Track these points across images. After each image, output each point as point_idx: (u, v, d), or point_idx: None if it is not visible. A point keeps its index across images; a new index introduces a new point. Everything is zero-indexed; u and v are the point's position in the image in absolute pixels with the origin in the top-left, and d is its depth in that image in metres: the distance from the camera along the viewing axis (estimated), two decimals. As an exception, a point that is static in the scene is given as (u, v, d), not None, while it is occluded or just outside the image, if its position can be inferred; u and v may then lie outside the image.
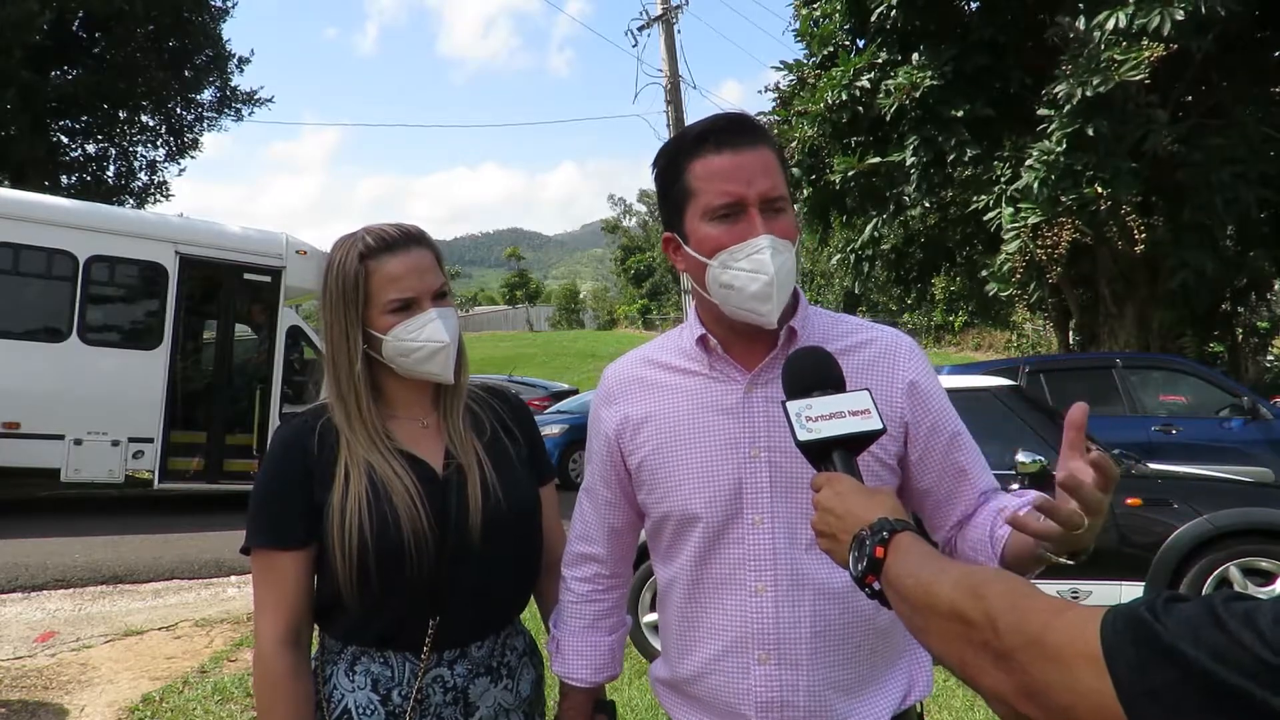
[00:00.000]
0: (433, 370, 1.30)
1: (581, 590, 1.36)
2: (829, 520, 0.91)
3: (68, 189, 15.41)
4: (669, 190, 1.20)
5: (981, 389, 4.68)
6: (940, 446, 1.21)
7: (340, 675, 1.27)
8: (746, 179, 1.12)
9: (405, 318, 1.28)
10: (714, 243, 1.14)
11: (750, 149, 1.14)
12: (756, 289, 1.11)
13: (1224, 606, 0.52)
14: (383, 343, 1.28)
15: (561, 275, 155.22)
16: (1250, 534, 3.99)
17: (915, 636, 0.79)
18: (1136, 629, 0.55)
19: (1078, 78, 7.68)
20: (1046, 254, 8.25)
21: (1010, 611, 0.64)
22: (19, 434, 7.73)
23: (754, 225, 1.12)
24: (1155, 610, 0.55)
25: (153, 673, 4.08)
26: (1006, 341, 28.52)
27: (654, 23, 14.08)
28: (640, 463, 1.25)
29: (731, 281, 1.13)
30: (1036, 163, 8.14)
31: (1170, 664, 0.52)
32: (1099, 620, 0.57)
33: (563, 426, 11.46)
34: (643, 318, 51.41)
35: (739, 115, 1.20)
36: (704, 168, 1.15)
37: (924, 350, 1.32)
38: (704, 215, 1.15)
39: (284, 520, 1.25)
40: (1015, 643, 0.63)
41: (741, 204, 1.12)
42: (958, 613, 0.70)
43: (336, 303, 1.28)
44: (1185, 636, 0.52)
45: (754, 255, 1.11)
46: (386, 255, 1.29)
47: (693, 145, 1.16)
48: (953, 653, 0.71)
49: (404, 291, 1.28)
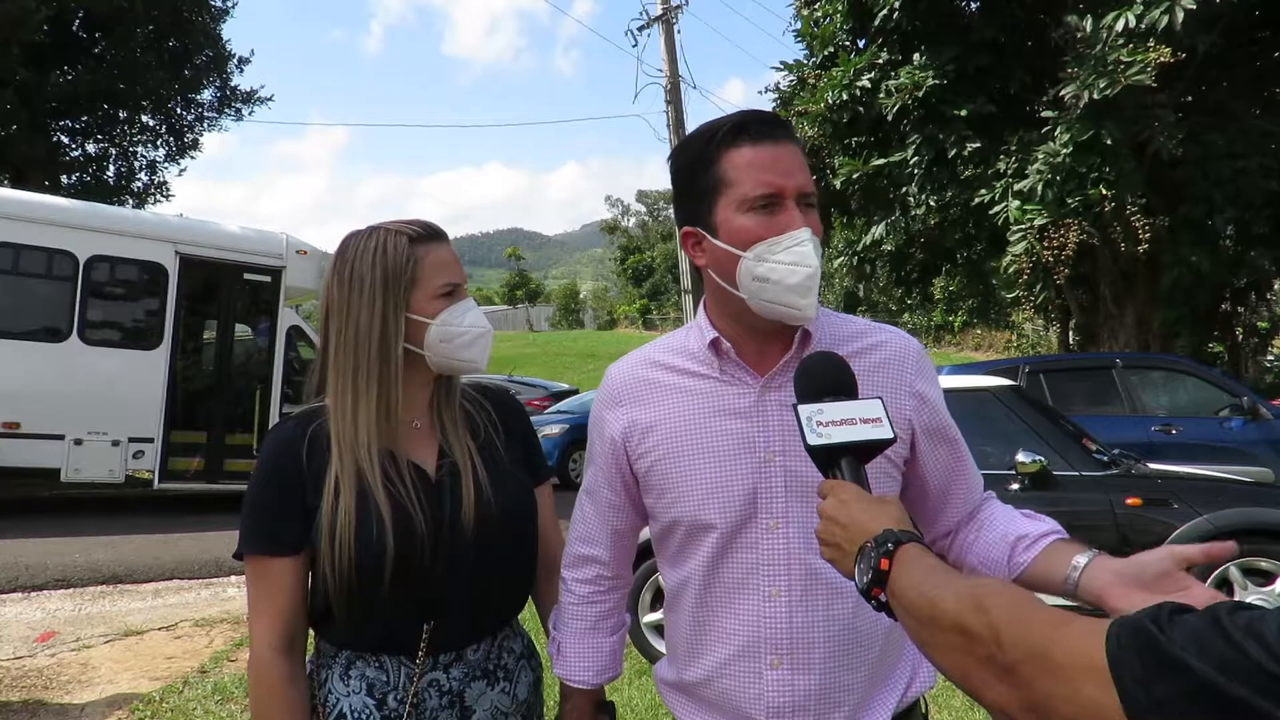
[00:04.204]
0: (471, 356, 1.31)
1: (583, 592, 1.35)
2: (834, 530, 0.90)
3: (68, 189, 15.41)
4: (695, 182, 1.16)
5: (981, 389, 4.67)
6: (941, 454, 1.22)
7: (335, 680, 1.27)
8: (785, 170, 1.11)
9: (451, 303, 1.30)
10: (750, 234, 1.10)
11: (786, 143, 1.13)
12: (796, 281, 1.08)
13: (1229, 617, 0.52)
14: (428, 327, 1.28)
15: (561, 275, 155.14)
16: (1250, 534, 3.99)
17: (920, 650, 0.78)
18: (1141, 641, 0.54)
19: (1084, 81, 7.68)
20: (1054, 255, 8.23)
21: (1014, 625, 0.64)
22: (19, 434, 7.73)
23: (794, 218, 1.10)
24: (1160, 622, 0.54)
25: (153, 673, 4.08)
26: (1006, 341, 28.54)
27: (654, 23, 14.06)
28: (649, 468, 1.23)
29: (768, 275, 1.09)
30: (1043, 165, 8.14)
31: (1175, 676, 0.51)
32: (1103, 633, 0.57)
33: (563, 426, 11.45)
34: (643, 318, 51.41)
35: (769, 113, 1.19)
36: (742, 158, 1.12)
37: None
38: (739, 206, 1.12)
39: (276, 527, 1.24)
40: (1019, 656, 0.62)
41: (780, 195, 1.10)
42: (961, 626, 0.69)
43: (375, 286, 1.26)
44: (1190, 648, 0.51)
45: (795, 247, 1.09)
46: (435, 242, 1.32)
47: (729, 136, 1.13)
48: (957, 666, 0.70)
49: (453, 277, 1.31)
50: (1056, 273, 8.41)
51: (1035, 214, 8.29)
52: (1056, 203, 8.11)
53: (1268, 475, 5.27)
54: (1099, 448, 4.66)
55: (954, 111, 9.04)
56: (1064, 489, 4.22)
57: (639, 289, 58.12)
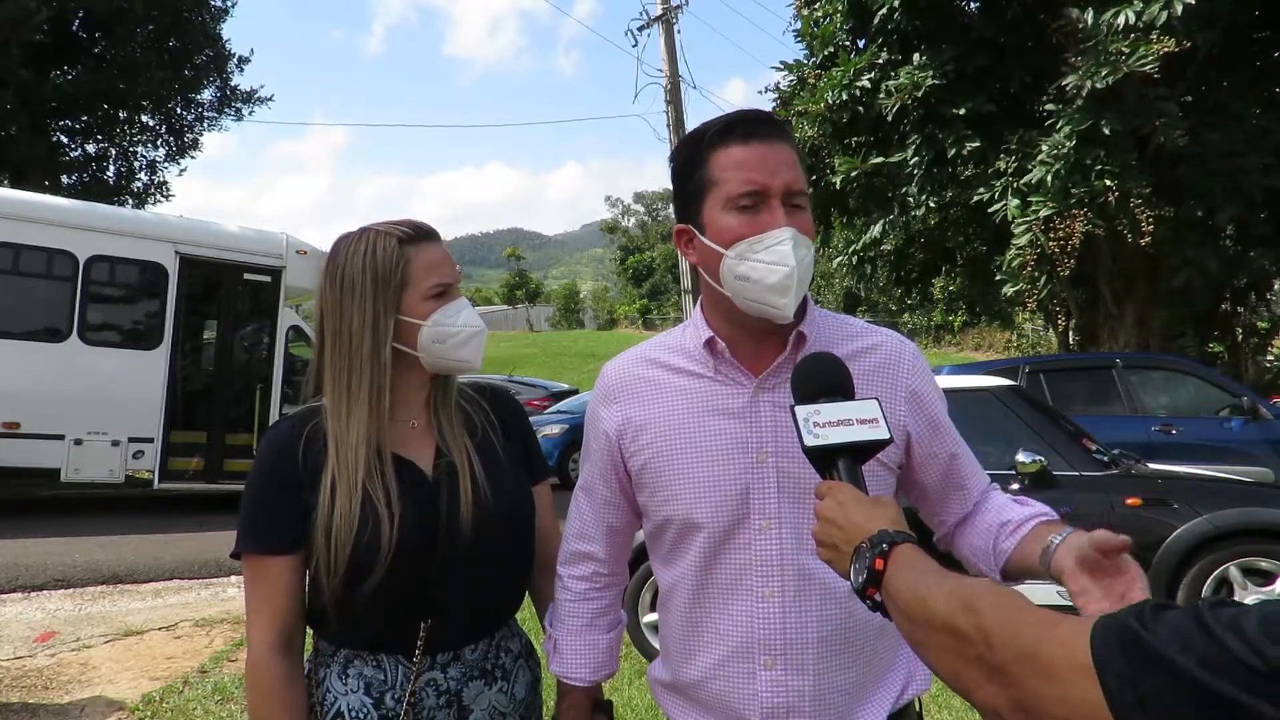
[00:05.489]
0: (466, 356, 1.32)
1: (579, 589, 1.35)
2: (830, 531, 0.91)
3: (68, 189, 15.42)
4: (688, 181, 1.18)
5: (981, 389, 4.67)
6: (939, 456, 1.23)
7: (333, 678, 1.27)
8: (771, 170, 1.11)
9: (443, 304, 1.30)
10: (733, 233, 1.12)
11: (775, 142, 1.13)
12: (775, 280, 1.09)
13: (1210, 613, 0.52)
14: (420, 329, 1.28)
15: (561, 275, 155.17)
16: (1250, 534, 3.99)
17: (913, 650, 0.78)
18: (1125, 638, 0.55)
19: (1087, 71, 7.67)
20: (1059, 246, 8.22)
21: (1003, 626, 0.65)
22: (19, 434, 7.74)
23: (776, 216, 1.10)
24: (1143, 618, 0.55)
25: (153, 673, 4.08)
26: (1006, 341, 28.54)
27: (654, 23, 14.06)
28: (642, 466, 1.24)
29: (749, 273, 1.10)
30: (1048, 157, 8.13)
31: (1158, 672, 0.52)
32: (1089, 632, 0.57)
33: (563, 426, 11.46)
34: (643, 318, 51.44)
35: (761, 111, 1.19)
36: (728, 157, 1.13)
37: (924, 352, 1.33)
38: (724, 205, 1.13)
39: (273, 526, 1.24)
40: (1008, 657, 0.63)
41: (764, 194, 1.11)
42: (951, 627, 0.70)
43: (365, 289, 1.26)
44: (1173, 644, 0.52)
45: (775, 246, 1.09)
46: (425, 243, 1.32)
47: (717, 136, 1.15)
48: (947, 666, 0.71)
49: (444, 277, 1.31)
50: (1061, 265, 8.39)
51: (1040, 204, 8.27)
52: (1062, 193, 8.11)
53: (1268, 475, 5.27)
54: (1099, 448, 4.66)
55: (954, 111, 9.04)
56: (1064, 489, 4.22)
57: (639, 289, 58.16)
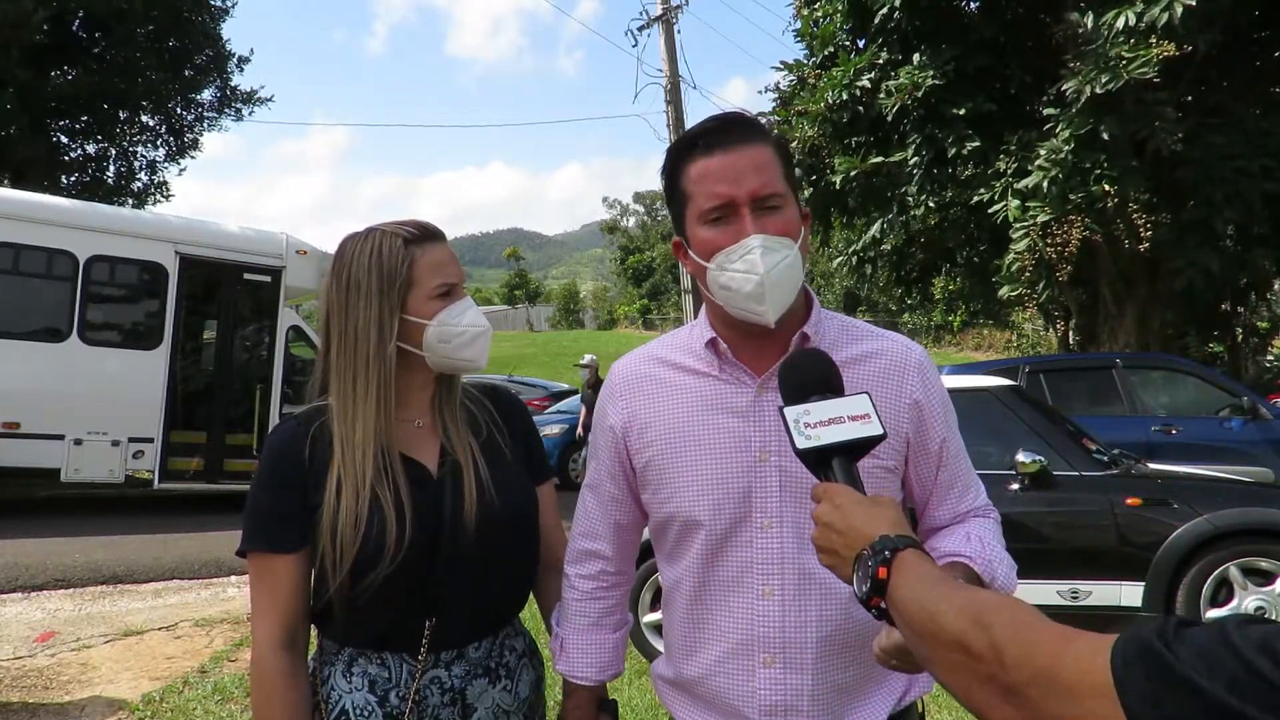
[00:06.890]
0: (471, 356, 1.32)
1: (586, 588, 1.35)
2: (830, 536, 0.88)
3: (68, 189, 15.40)
4: (671, 196, 1.22)
5: (981, 389, 4.67)
6: (946, 466, 1.23)
7: (338, 676, 1.27)
8: (734, 178, 1.12)
9: (448, 303, 1.30)
10: (710, 245, 1.14)
11: (741, 147, 1.13)
12: (750, 289, 1.10)
13: (1238, 632, 0.50)
14: (426, 328, 1.29)
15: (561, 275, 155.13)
16: (1250, 534, 4.00)
17: (922, 665, 0.75)
18: (1148, 659, 0.52)
19: (1086, 75, 7.67)
20: (1057, 252, 8.22)
21: (1017, 644, 0.62)
22: (19, 434, 7.74)
23: (744, 225, 1.11)
24: (1167, 638, 0.53)
25: (153, 673, 4.08)
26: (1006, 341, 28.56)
27: (654, 23, 14.06)
28: (646, 463, 1.25)
29: (729, 283, 1.13)
30: (1046, 162, 8.13)
31: (1184, 696, 0.50)
32: (1109, 650, 0.55)
33: (563, 426, 11.47)
34: (643, 318, 51.45)
35: (733, 114, 1.20)
36: (695, 171, 1.15)
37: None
38: (699, 219, 1.15)
39: (278, 524, 1.24)
40: (1024, 677, 0.60)
41: (732, 204, 1.12)
42: (962, 644, 0.67)
43: (371, 289, 1.27)
44: (1199, 666, 0.50)
45: (746, 256, 1.11)
46: (430, 243, 1.32)
47: (685, 150, 1.17)
48: (959, 684, 0.68)
49: (449, 277, 1.31)
50: (1059, 269, 8.39)
51: (1039, 210, 8.28)
52: (1060, 198, 8.11)
53: (1268, 475, 5.27)
54: (1099, 448, 4.66)
55: (954, 111, 9.03)
56: (1064, 489, 4.23)
57: (639, 289, 58.15)
